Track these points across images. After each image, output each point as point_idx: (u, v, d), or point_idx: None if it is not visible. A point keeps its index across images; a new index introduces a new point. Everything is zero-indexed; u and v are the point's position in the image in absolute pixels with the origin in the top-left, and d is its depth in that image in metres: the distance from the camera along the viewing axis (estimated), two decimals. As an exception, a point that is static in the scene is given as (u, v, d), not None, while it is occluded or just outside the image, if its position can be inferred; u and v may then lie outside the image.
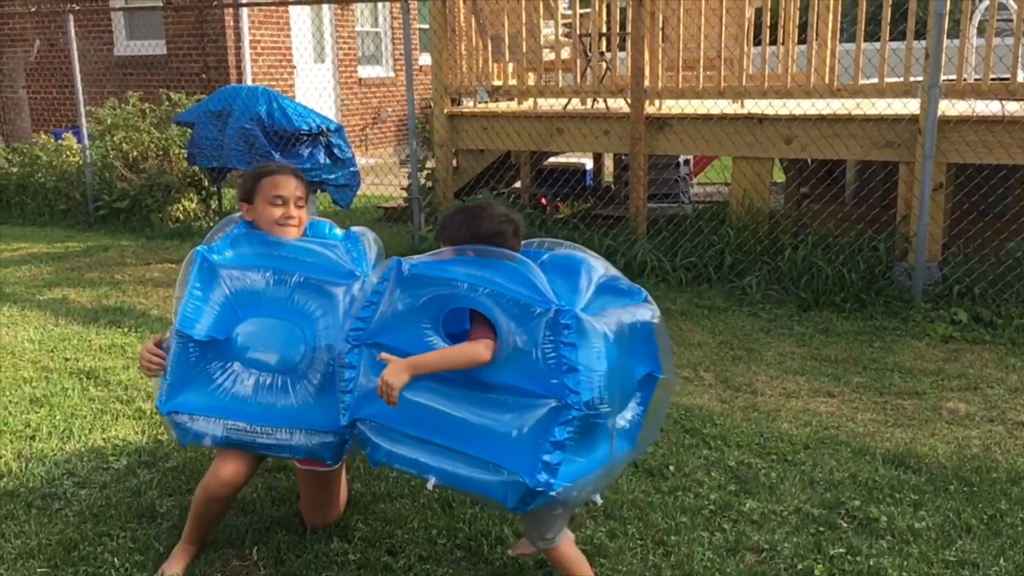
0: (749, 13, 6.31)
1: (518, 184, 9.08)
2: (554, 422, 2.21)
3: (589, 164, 9.59)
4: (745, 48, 6.27)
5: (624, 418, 2.53)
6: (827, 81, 5.94)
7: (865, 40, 5.83)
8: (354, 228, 2.97)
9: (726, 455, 3.50)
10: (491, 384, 2.32)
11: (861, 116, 5.74)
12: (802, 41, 6.85)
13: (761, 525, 3.00)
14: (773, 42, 7.03)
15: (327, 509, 2.95)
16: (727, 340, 4.97)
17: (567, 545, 2.54)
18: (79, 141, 8.78)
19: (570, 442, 2.22)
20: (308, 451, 2.65)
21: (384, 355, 2.35)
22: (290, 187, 2.82)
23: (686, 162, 8.96)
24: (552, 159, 9.20)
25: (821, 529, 2.97)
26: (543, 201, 8.28)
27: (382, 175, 10.39)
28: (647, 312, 2.61)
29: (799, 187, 7.09)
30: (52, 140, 9.33)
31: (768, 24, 6.21)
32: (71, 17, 8.54)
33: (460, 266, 2.41)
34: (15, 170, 9.15)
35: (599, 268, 2.54)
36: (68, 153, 8.99)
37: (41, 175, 8.91)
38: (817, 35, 6.32)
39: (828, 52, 6.06)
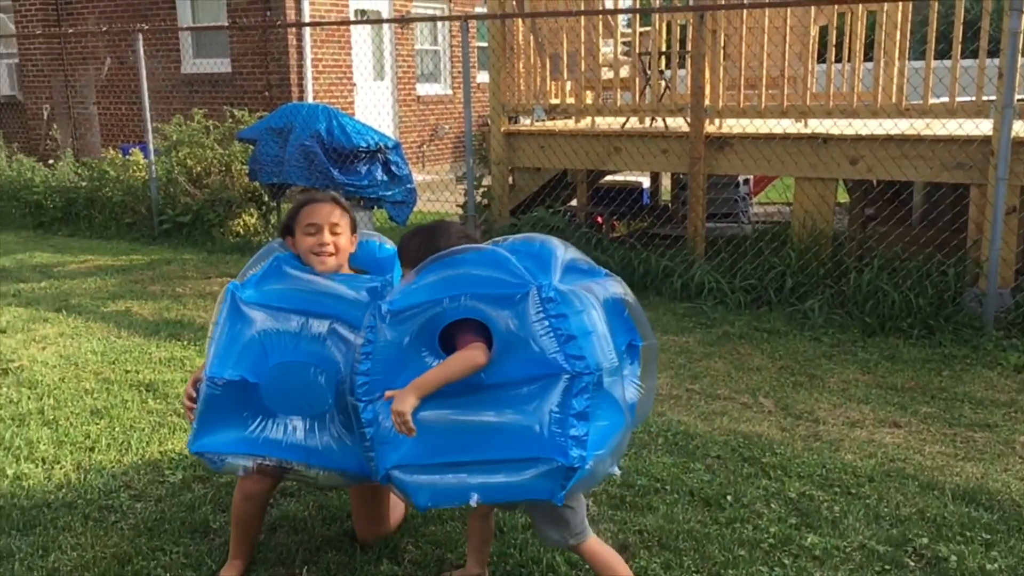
0: (814, 31, 6.19)
1: (574, 202, 9.04)
2: (570, 395, 2.22)
3: (646, 183, 9.50)
4: (809, 66, 6.14)
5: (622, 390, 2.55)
6: (895, 100, 5.78)
7: (935, 58, 5.67)
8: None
9: (786, 486, 3.39)
10: (500, 384, 2.31)
11: (931, 137, 5.57)
12: (868, 59, 6.69)
13: (823, 561, 2.88)
14: (838, 60, 6.88)
15: (378, 523, 2.93)
16: (787, 365, 4.84)
17: (596, 540, 2.58)
18: (146, 156, 8.99)
19: (589, 410, 2.24)
20: (338, 485, 2.65)
21: (388, 392, 2.33)
22: (324, 214, 2.74)
23: (746, 181, 8.81)
24: (609, 177, 9.13)
25: (887, 567, 2.85)
26: (599, 220, 8.21)
27: (438, 191, 10.44)
28: (616, 287, 2.62)
29: (864, 209, 6.91)
30: (120, 155, 9.57)
31: (834, 42, 6.08)
32: (140, 36, 8.78)
33: (432, 282, 2.39)
34: (84, 184, 9.41)
35: (561, 248, 2.57)
36: (135, 168, 9.21)
37: (109, 189, 9.15)
38: (885, 53, 6.16)
39: (896, 71, 5.91)
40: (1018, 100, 5.27)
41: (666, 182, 10.00)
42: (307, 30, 11.58)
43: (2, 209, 9.74)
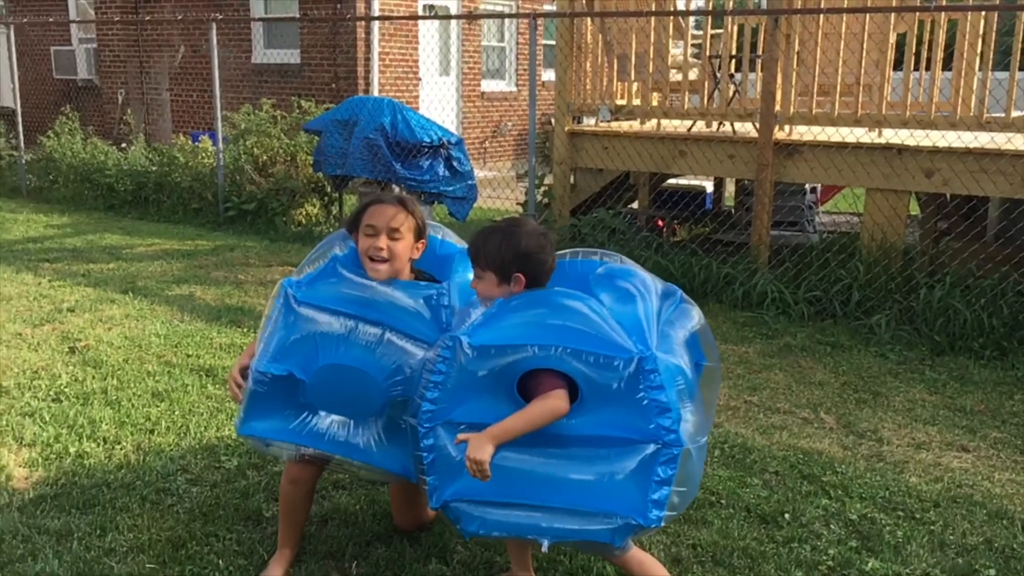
0: (893, 38, 6.00)
1: (635, 205, 8.94)
2: (656, 462, 2.25)
3: (709, 187, 9.36)
4: (886, 74, 5.96)
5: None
6: (975, 112, 5.58)
7: (1020, 69, 5.46)
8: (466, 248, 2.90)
9: (847, 507, 3.29)
10: (583, 437, 2.28)
11: (1012, 151, 5.36)
12: (948, 69, 6.47)
13: (885, 588, 2.79)
14: (917, 69, 6.67)
15: (417, 511, 2.93)
16: (851, 381, 4.71)
17: (641, 551, 2.55)
18: (214, 144, 9.16)
19: (673, 476, 2.25)
20: (379, 480, 2.64)
21: (461, 436, 2.28)
22: (385, 217, 2.63)
23: (813, 189, 8.61)
24: (671, 180, 9.01)
25: (952, 599, 2.74)
26: (660, 223, 8.11)
27: (499, 188, 10.43)
28: (694, 320, 2.61)
29: (936, 223, 6.69)
30: (190, 142, 9.77)
31: (913, 50, 5.89)
32: (214, 26, 8.94)
33: (524, 323, 2.31)
34: (154, 169, 9.62)
35: (649, 283, 2.50)
36: (203, 155, 9.39)
37: (177, 175, 9.34)
38: (966, 63, 5.95)
39: (977, 81, 5.70)
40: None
41: (730, 187, 9.84)
42: (375, 24, 11.67)
43: (76, 191, 10.01)
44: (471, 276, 2.70)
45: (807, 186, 8.28)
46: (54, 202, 9.97)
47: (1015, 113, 5.52)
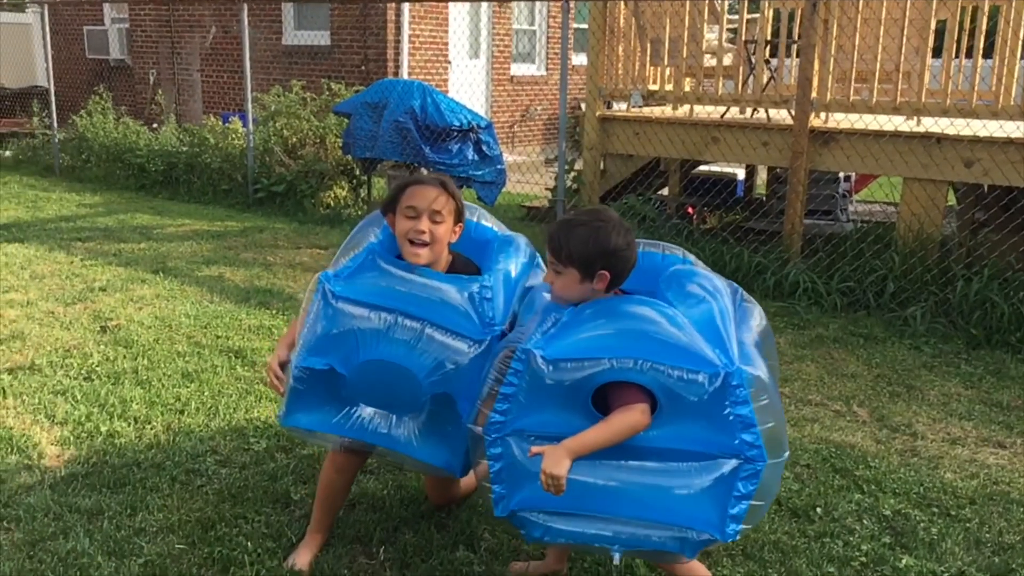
0: (933, 24, 5.87)
1: (665, 191, 8.85)
2: (736, 478, 2.19)
3: (741, 174, 9.24)
4: (927, 62, 5.83)
5: None
6: (1017, 101, 5.44)
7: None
8: (509, 235, 2.85)
9: (880, 502, 3.23)
10: (661, 450, 2.21)
11: (1057, 142, 5.24)
12: (991, 56, 6.32)
13: (919, 586, 2.74)
14: (958, 56, 6.52)
15: (449, 485, 2.91)
16: (884, 374, 4.63)
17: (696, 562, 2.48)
18: (244, 125, 9.18)
19: (754, 492, 2.20)
20: (422, 471, 2.63)
21: (535, 449, 2.19)
22: (427, 199, 2.55)
23: (847, 178, 8.48)
24: (702, 167, 8.91)
25: (989, 599, 2.68)
26: (690, 210, 8.03)
27: (527, 173, 10.38)
28: (756, 320, 2.53)
29: (974, 214, 6.56)
30: (220, 123, 9.80)
31: (954, 37, 5.76)
32: (245, 6, 8.93)
33: (600, 337, 2.20)
34: (185, 149, 9.67)
35: (718, 283, 2.41)
36: (233, 136, 9.42)
37: (208, 156, 9.38)
38: (1009, 50, 5.80)
39: (1020, 69, 5.56)
40: None
41: (762, 175, 9.71)
42: (406, 6, 11.62)
43: (108, 170, 10.09)
44: (540, 272, 2.64)
45: (840, 174, 8.15)
46: (86, 181, 10.06)
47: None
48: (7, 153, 11.67)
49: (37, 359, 4.32)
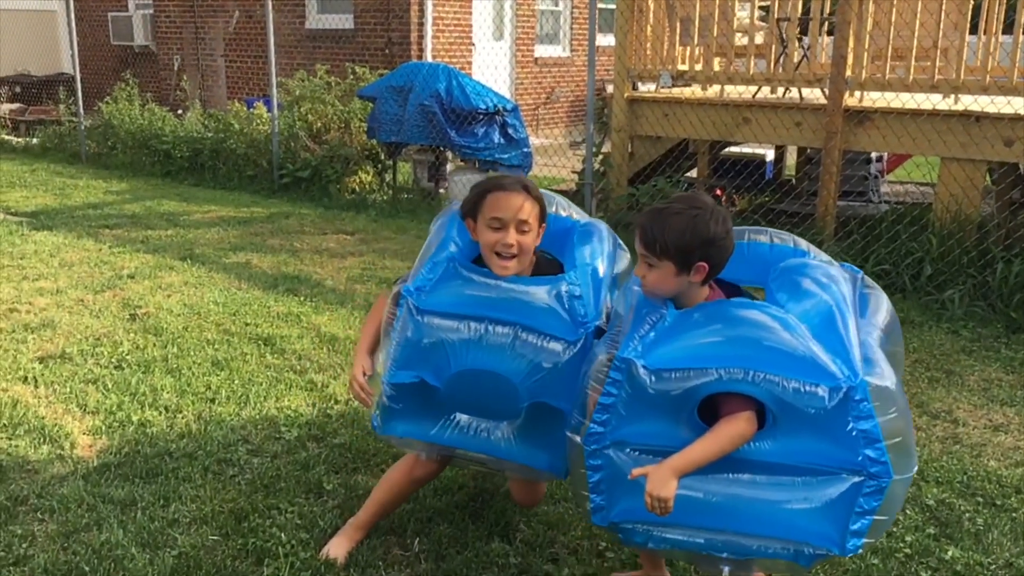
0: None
1: (693, 173, 8.73)
2: (860, 493, 2.05)
3: (770, 155, 9.09)
4: (966, 37, 5.68)
5: None
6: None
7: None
8: (588, 223, 2.72)
9: (924, 491, 3.15)
10: (766, 463, 2.08)
11: (1101, 118, 5.08)
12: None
13: (967, 579, 2.66)
14: (1000, 32, 6.35)
15: (536, 485, 2.82)
16: (922, 359, 4.53)
17: None
18: (269, 110, 9.15)
19: (877, 508, 2.06)
20: (511, 473, 2.58)
21: (637, 471, 2.06)
22: (512, 207, 2.39)
23: (879, 158, 8.32)
24: (731, 149, 8.78)
25: (1040, 593, 2.60)
26: (719, 193, 7.91)
27: (552, 156, 10.29)
28: (883, 312, 2.35)
29: (1011, 194, 6.40)
30: (244, 108, 9.79)
31: (995, 12, 5.60)
32: (269, -9, 8.89)
33: (706, 346, 2.05)
34: (210, 135, 9.67)
35: (835, 273, 2.25)
36: (258, 122, 9.40)
37: (233, 141, 9.37)
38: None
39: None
40: None
41: (792, 156, 9.56)
42: (429, -12, 11.53)
43: (134, 156, 10.12)
44: (625, 255, 2.54)
45: (873, 155, 8.00)
46: (113, 168, 10.09)
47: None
48: (34, 141, 11.74)
49: (68, 347, 4.33)
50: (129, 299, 5.14)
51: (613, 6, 7.32)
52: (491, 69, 12.54)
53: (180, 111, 11.33)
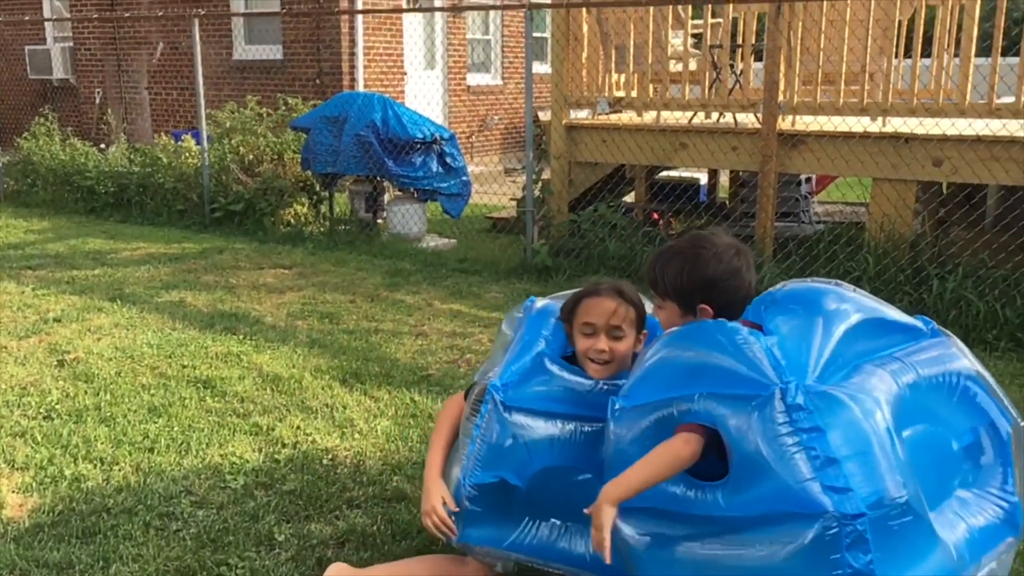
0: (899, 22, 5.87)
1: (628, 198, 8.79)
2: (836, 548, 1.57)
3: (703, 179, 9.22)
4: (893, 61, 5.84)
5: (976, 506, 1.81)
6: (985, 99, 5.46)
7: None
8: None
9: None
10: (739, 518, 1.75)
11: (1024, 138, 5.26)
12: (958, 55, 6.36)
13: None
14: (925, 55, 6.56)
15: None
16: (868, 377, 4.58)
17: None
18: (198, 143, 8.91)
19: (876, 558, 1.57)
20: None
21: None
22: (603, 313, 2.34)
23: (808, 179, 8.50)
24: (665, 173, 8.88)
25: None
26: (656, 216, 7.98)
27: (488, 183, 10.27)
28: (949, 358, 1.94)
29: (935, 212, 6.59)
30: (172, 141, 9.52)
31: (920, 35, 5.78)
32: (196, 21, 8.69)
33: (667, 374, 1.96)
34: (136, 170, 9.36)
35: (847, 304, 1.96)
36: (187, 155, 9.14)
37: (161, 176, 9.09)
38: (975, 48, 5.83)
39: (973, 68, 5.58)
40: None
41: (724, 178, 9.72)
42: (360, 17, 11.45)
43: (56, 194, 9.74)
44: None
45: (802, 176, 8.17)
46: (33, 206, 9.69)
47: (1025, 99, 5.41)
48: (-53, 179, 11.23)
49: (-9, 398, 4.07)
50: (56, 344, 4.89)
51: (545, 34, 7.37)
52: (424, 98, 12.50)
53: (103, 145, 10.98)
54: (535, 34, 13.44)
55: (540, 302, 2.62)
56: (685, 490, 1.87)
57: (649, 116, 7.12)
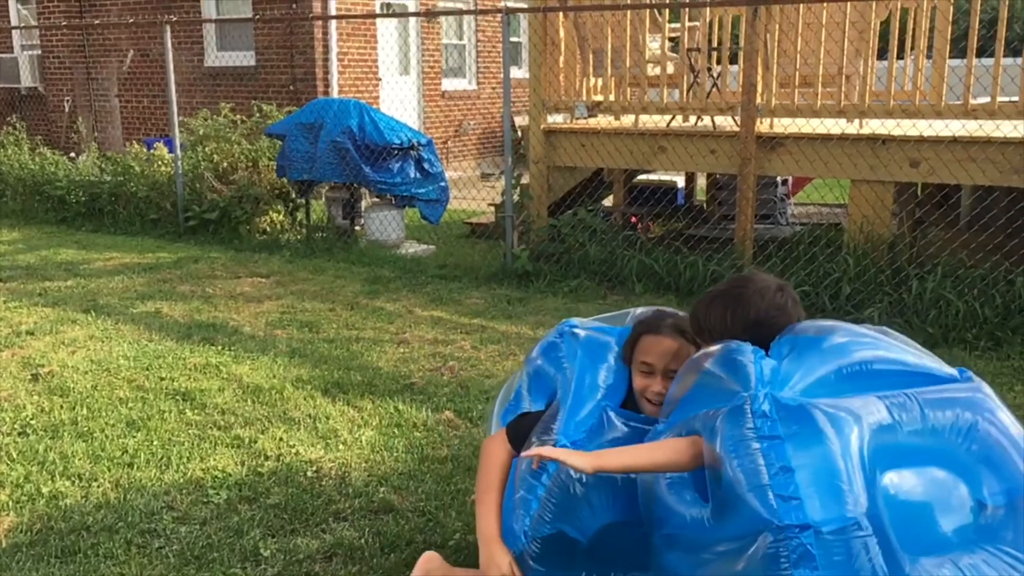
0: (876, 25, 5.92)
1: (607, 202, 8.79)
2: (775, 566, 1.49)
3: (680, 182, 9.25)
4: (870, 63, 5.88)
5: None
6: (961, 100, 5.51)
7: (1005, 55, 5.41)
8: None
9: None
10: (717, 539, 1.71)
11: (1001, 139, 5.31)
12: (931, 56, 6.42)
13: None
14: (900, 57, 6.62)
15: None
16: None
17: None
18: (171, 151, 8.80)
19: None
20: None
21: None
22: (663, 355, 2.25)
23: (784, 181, 8.55)
24: (642, 176, 8.88)
25: None
26: (634, 220, 7.98)
27: (464, 189, 10.23)
28: (971, 403, 1.74)
29: (912, 212, 6.65)
30: (144, 149, 9.38)
31: (896, 37, 5.83)
32: (167, 28, 8.58)
33: (681, 399, 1.96)
34: (108, 179, 9.22)
35: (866, 343, 1.85)
36: (160, 163, 9.02)
37: (133, 184, 8.95)
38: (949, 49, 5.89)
39: (949, 69, 5.64)
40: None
41: (701, 181, 9.74)
42: (333, 23, 11.37)
43: (25, 204, 9.58)
44: None
45: (779, 178, 8.21)
46: (2, 216, 9.51)
47: (1001, 99, 5.46)
48: (-87, 190, 10.99)
49: (-37, 415, 3.97)
50: (30, 358, 4.78)
51: (521, 39, 7.34)
52: (399, 103, 12.43)
53: (74, 155, 10.81)
54: (512, 39, 13.45)
55: (581, 330, 2.48)
56: (689, 508, 1.85)
57: (627, 120, 7.12)
